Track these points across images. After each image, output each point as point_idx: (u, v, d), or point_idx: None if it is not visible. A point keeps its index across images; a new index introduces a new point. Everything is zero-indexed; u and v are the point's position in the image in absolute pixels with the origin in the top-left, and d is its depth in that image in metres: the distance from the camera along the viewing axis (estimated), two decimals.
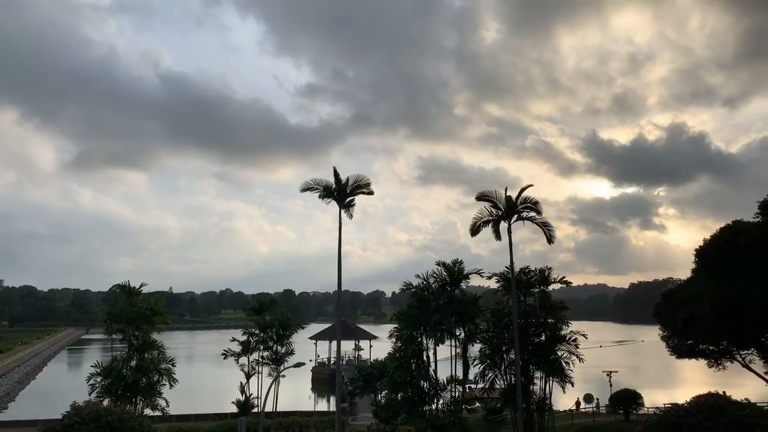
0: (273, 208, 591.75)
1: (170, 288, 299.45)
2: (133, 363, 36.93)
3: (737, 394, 41.03)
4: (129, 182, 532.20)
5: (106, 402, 34.08)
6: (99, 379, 35.80)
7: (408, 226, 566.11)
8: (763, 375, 51.97)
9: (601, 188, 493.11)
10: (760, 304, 40.76)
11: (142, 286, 39.09)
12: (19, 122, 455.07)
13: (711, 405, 20.38)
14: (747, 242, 44.16)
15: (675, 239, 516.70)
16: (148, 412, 36.35)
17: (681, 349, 54.54)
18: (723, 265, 46.34)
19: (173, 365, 38.52)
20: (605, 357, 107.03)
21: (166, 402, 37.23)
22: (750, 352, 51.90)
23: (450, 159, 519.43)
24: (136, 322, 37.12)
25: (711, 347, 52.18)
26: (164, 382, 37.41)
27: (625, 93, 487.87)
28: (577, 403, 54.15)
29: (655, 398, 55.05)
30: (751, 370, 53.18)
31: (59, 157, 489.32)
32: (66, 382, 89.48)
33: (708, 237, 49.96)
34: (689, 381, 74.93)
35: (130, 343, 37.28)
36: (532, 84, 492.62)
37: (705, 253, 49.75)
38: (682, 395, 25.48)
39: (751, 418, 19.54)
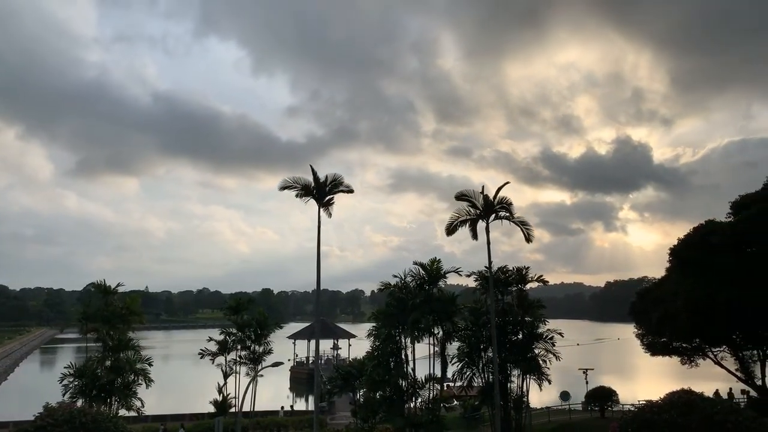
0: (252, 210, 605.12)
1: (146, 287, 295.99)
2: (108, 363, 36.39)
3: (709, 390, 41.78)
4: (119, 188, 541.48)
5: (79, 403, 33.53)
6: (72, 380, 35.20)
7: (383, 228, 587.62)
8: (735, 372, 53.08)
9: (561, 195, 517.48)
10: (732, 302, 41.62)
11: (118, 285, 38.56)
12: (21, 137, 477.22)
13: (684, 402, 20.73)
14: (719, 242, 45.04)
15: (637, 240, 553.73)
16: (123, 412, 35.85)
17: (655, 347, 55.46)
18: (696, 265, 47.19)
19: (149, 365, 38.03)
20: (582, 355, 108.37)
21: (142, 402, 36.75)
22: (722, 349, 52.99)
23: (420, 170, 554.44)
24: (111, 321, 36.58)
25: (684, 345, 53.15)
26: (140, 382, 36.92)
27: (571, 114, 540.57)
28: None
29: (629, 395, 55.82)
30: (722, 367, 54.28)
31: (54, 166, 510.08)
32: (39, 382, 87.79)
33: (681, 237, 50.92)
34: (663, 378, 76.10)
35: (105, 342, 36.71)
36: (489, 106, 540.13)
37: (679, 253, 50.61)
38: (656, 392, 25.87)
39: (723, 414, 19.90)
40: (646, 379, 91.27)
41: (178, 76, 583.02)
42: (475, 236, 34.96)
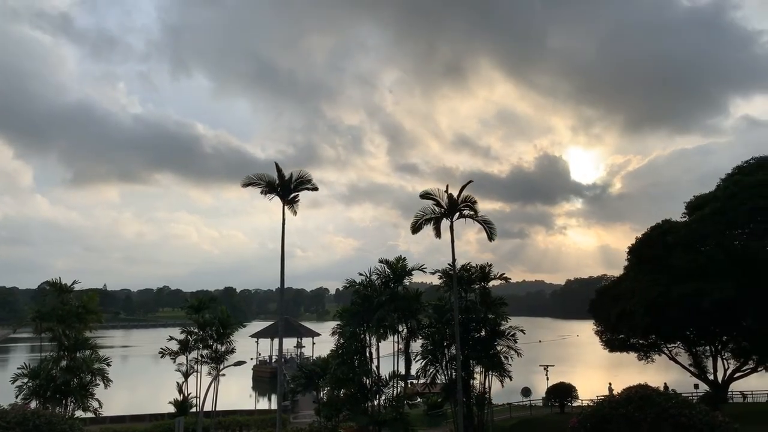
0: (216, 211, 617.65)
1: (104, 285, 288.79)
2: (64, 363, 35.36)
3: (664, 384, 42.87)
4: (95, 197, 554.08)
5: (33, 404, 32.51)
6: (26, 381, 34.10)
7: (343, 230, 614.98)
8: (688, 366, 54.78)
9: (499, 204, 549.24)
10: (685, 298, 42.92)
11: (74, 283, 37.49)
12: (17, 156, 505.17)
13: (640, 396, 21.21)
14: (675, 240, 46.43)
15: (576, 242, 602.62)
16: (79, 414, 34.90)
17: (613, 343, 56.87)
18: (653, 263, 48.56)
19: (108, 365, 37.12)
20: (543, 351, 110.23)
21: (99, 403, 35.83)
22: (676, 345, 54.63)
23: (373, 182, 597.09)
24: (67, 320, 35.55)
25: (641, 341, 54.64)
26: (97, 382, 35.99)
27: (498, 140, 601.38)
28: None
29: (588, 391, 56.96)
30: (677, 362, 55.95)
31: (33, 176, 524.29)
32: None
33: (639, 236, 52.32)
34: (621, 373, 77.94)
35: (60, 342, 35.66)
36: (428, 133, 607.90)
37: (636, 251, 52.01)
38: (615, 387, 26.50)
39: (677, 408, 20.45)
40: (605, 374, 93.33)
41: (154, 102, 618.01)
42: (438, 234, 35.13)
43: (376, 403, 37.30)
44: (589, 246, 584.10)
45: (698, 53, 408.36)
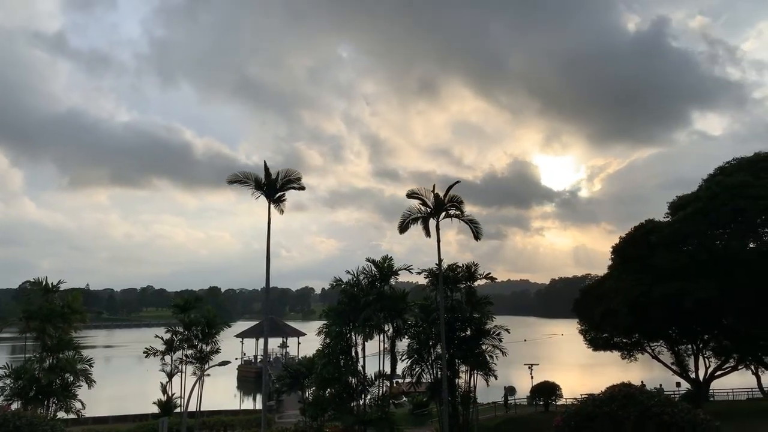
0: (201, 210, 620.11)
1: (87, 285, 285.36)
2: (47, 364, 34.94)
3: (649, 383, 43.30)
4: (84, 201, 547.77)
5: (14, 405, 32.11)
6: (8, 381, 33.66)
7: (327, 230, 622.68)
8: (670, 365, 55.38)
9: (476, 209, 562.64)
10: (668, 298, 43.38)
11: (59, 283, 37.07)
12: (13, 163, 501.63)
13: (624, 394, 21.38)
14: (658, 240, 46.90)
15: (553, 243, 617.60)
16: (62, 415, 34.52)
17: (597, 342, 57.30)
18: (636, 262, 49.00)
19: (90, 365, 36.74)
20: (528, 350, 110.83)
21: (82, 404, 35.47)
22: (659, 344, 55.20)
23: (354, 187, 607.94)
24: (52, 320, 35.10)
25: (624, 340, 55.13)
26: (80, 383, 35.61)
27: (472, 150, 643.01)
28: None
29: (572, 389, 57.42)
30: (659, 360, 56.56)
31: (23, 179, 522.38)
32: None
33: (622, 235, 52.80)
34: (605, 372, 78.68)
35: (44, 342, 35.22)
36: (405, 143, 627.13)
37: (620, 251, 52.45)
38: (598, 385, 26.69)
39: (660, 406, 20.67)
40: (589, 373, 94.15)
41: (143, 110, 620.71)
42: (428, 233, 35.30)
43: (361, 402, 37.31)
44: (565, 246, 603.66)
45: (649, 75, 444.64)
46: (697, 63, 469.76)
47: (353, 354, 37.05)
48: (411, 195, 35.66)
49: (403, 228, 35.78)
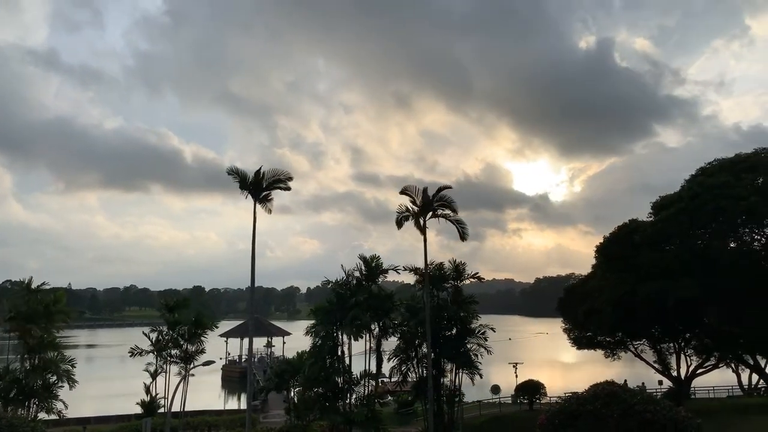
0: (187, 212, 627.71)
1: (69, 284, 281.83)
2: (28, 364, 34.48)
3: (631, 381, 43.74)
4: (75, 203, 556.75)
5: None
6: None
7: (311, 231, 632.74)
8: (652, 363, 56.03)
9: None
10: (651, 297, 43.88)
11: (43, 284, 36.57)
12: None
13: (607, 393, 21.60)
14: (641, 240, 47.42)
15: (532, 243, 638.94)
16: (43, 415, 34.10)
17: (581, 341, 57.83)
18: (620, 261, 49.50)
19: (73, 366, 36.32)
20: (513, 349, 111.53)
21: (64, 404, 35.05)
22: (642, 342, 55.80)
23: (337, 191, 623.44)
24: (35, 320, 34.63)
25: (608, 338, 55.66)
26: (62, 383, 35.18)
27: (446, 157, 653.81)
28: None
29: (556, 388, 57.84)
30: (642, 359, 57.17)
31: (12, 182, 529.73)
32: None
33: (607, 235, 53.29)
34: (588, 370, 79.42)
35: (27, 342, 34.74)
36: (383, 150, 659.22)
37: (604, 250, 52.92)
38: (582, 384, 26.93)
39: (642, 404, 20.91)
40: (573, 371, 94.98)
41: (132, 118, 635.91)
42: (422, 231, 35.69)
43: (348, 401, 37.29)
44: (543, 246, 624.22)
45: (610, 92, 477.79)
46: (648, 82, 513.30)
47: (340, 353, 37.02)
48: (404, 191, 36.05)
49: (399, 224, 36.27)
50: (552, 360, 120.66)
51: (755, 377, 57.99)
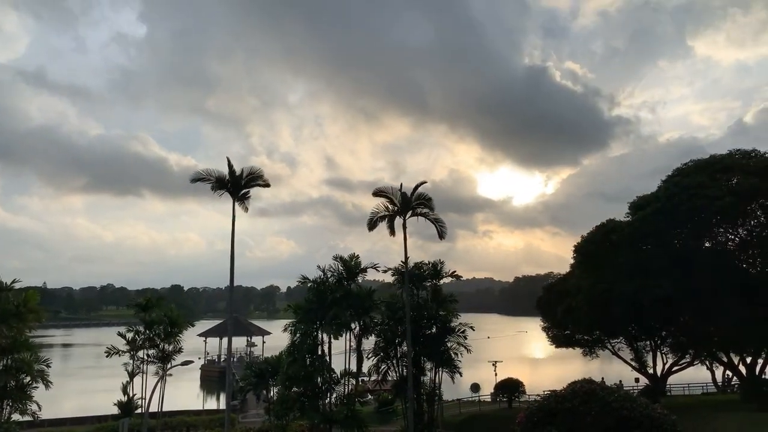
0: (167, 214, 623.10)
1: (44, 283, 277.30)
2: (1, 365, 33.76)
3: (609, 379, 44.21)
4: (55, 206, 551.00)
5: None
6: None
7: (289, 232, 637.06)
8: (630, 361, 56.76)
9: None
10: (628, 295, 44.39)
11: (14, 282, 35.84)
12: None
13: (585, 391, 21.86)
14: (619, 239, 47.94)
15: (502, 244, 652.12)
16: (17, 417, 33.47)
17: (560, 339, 58.34)
18: (598, 260, 50.01)
19: (48, 366, 35.67)
20: (492, 347, 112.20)
21: (38, 406, 34.41)
22: (619, 341, 56.49)
23: (313, 196, 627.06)
24: (7, 320, 33.91)
25: (586, 337, 56.25)
26: (36, 384, 34.53)
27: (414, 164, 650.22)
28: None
29: (535, 385, 58.31)
30: (619, 357, 57.87)
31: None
32: None
33: (584, 234, 53.81)
34: (567, 368, 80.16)
35: None
36: (353, 158, 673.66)
37: (582, 249, 53.41)
38: (560, 382, 27.21)
39: (619, 401, 21.20)
40: (551, 369, 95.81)
41: (114, 127, 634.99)
42: (392, 232, 35.41)
43: (327, 401, 37.19)
44: (513, 247, 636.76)
45: (562, 111, 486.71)
46: (592, 103, 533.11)
47: (320, 352, 36.88)
48: (377, 193, 35.69)
49: (372, 225, 35.90)
50: (531, 358, 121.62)
51: (729, 374, 59.06)
